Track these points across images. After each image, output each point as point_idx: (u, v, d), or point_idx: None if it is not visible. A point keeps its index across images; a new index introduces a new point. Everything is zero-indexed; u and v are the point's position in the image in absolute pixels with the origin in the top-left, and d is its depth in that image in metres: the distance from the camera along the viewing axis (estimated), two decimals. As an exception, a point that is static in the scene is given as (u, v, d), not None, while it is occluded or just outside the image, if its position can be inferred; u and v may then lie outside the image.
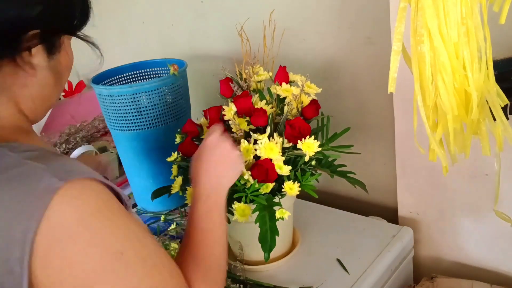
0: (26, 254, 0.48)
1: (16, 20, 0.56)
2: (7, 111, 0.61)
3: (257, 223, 0.89)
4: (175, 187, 1.00)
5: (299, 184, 0.92)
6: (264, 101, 0.99)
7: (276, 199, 0.93)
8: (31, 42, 0.58)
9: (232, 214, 0.91)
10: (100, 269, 0.51)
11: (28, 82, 0.61)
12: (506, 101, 0.78)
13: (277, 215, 0.90)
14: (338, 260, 1.05)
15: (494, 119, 0.76)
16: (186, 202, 0.95)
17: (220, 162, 0.77)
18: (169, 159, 1.04)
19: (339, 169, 1.02)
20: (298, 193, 0.92)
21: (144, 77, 1.35)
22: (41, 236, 0.49)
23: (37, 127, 1.55)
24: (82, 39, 0.66)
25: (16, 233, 0.49)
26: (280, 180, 0.93)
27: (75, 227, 0.50)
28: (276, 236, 0.88)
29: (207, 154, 0.77)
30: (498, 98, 0.76)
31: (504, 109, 0.77)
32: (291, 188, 0.91)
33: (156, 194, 1.06)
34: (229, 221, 0.90)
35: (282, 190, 0.92)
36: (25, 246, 0.48)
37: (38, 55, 0.60)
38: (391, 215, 1.24)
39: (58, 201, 0.50)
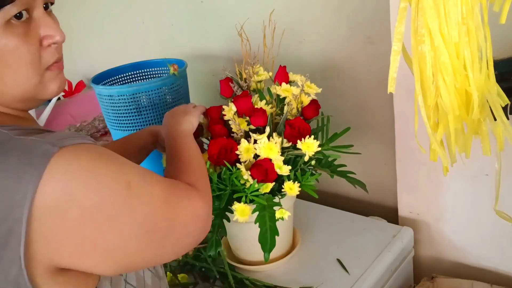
0: (24, 215, 0.50)
1: None
2: None
3: (257, 223, 0.89)
4: None
5: (299, 184, 0.92)
6: (264, 101, 0.99)
7: (276, 199, 0.93)
8: None
9: (232, 213, 0.91)
10: (116, 202, 0.55)
11: None
12: (507, 101, 0.78)
13: (277, 215, 0.90)
14: (338, 260, 1.05)
15: (495, 119, 0.76)
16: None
17: (177, 113, 0.91)
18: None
19: (339, 169, 1.02)
20: (298, 193, 0.92)
21: (144, 77, 1.35)
22: (42, 195, 0.51)
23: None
24: None
25: (16, 196, 0.51)
26: (280, 180, 0.92)
27: (84, 176, 0.53)
28: (276, 236, 0.88)
29: (170, 114, 0.92)
30: (499, 98, 0.76)
31: (504, 109, 0.77)
32: (291, 188, 0.91)
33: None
34: (229, 221, 0.90)
35: (282, 190, 0.92)
36: (24, 207, 0.50)
37: None
38: (391, 215, 1.24)
39: (58, 159, 0.52)
